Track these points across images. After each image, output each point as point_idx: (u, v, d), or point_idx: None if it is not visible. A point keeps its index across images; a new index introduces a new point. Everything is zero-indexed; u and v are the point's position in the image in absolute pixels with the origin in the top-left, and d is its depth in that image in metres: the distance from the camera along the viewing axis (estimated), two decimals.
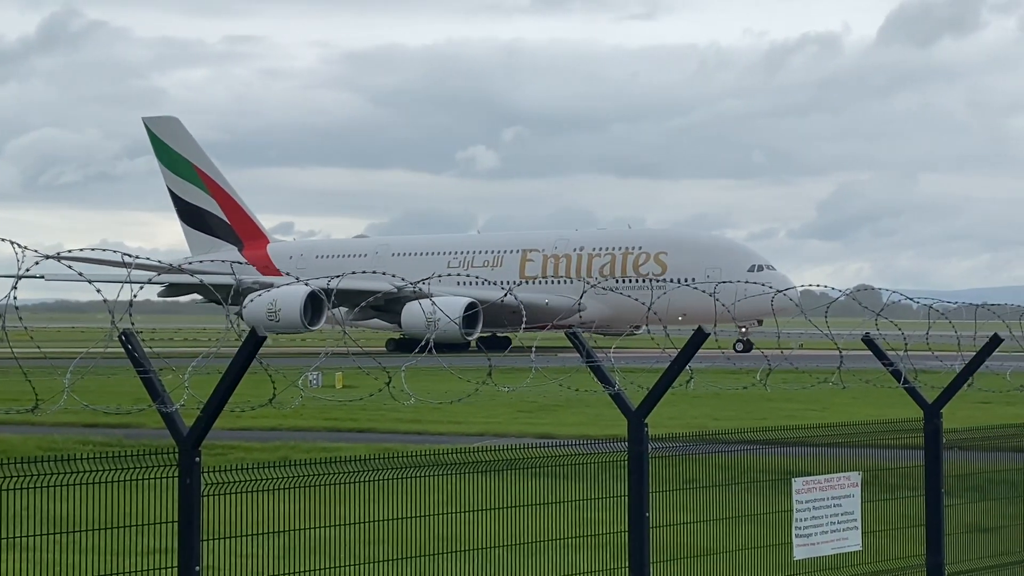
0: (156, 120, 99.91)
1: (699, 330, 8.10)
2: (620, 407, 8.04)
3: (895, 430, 10.03)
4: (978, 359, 10.17)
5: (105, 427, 30.84)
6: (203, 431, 6.11)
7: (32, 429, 30.79)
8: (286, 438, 29.35)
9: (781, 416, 31.36)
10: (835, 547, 8.98)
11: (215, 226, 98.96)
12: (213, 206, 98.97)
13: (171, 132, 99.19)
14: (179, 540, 6.18)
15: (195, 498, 6.12)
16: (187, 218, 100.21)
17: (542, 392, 10.52)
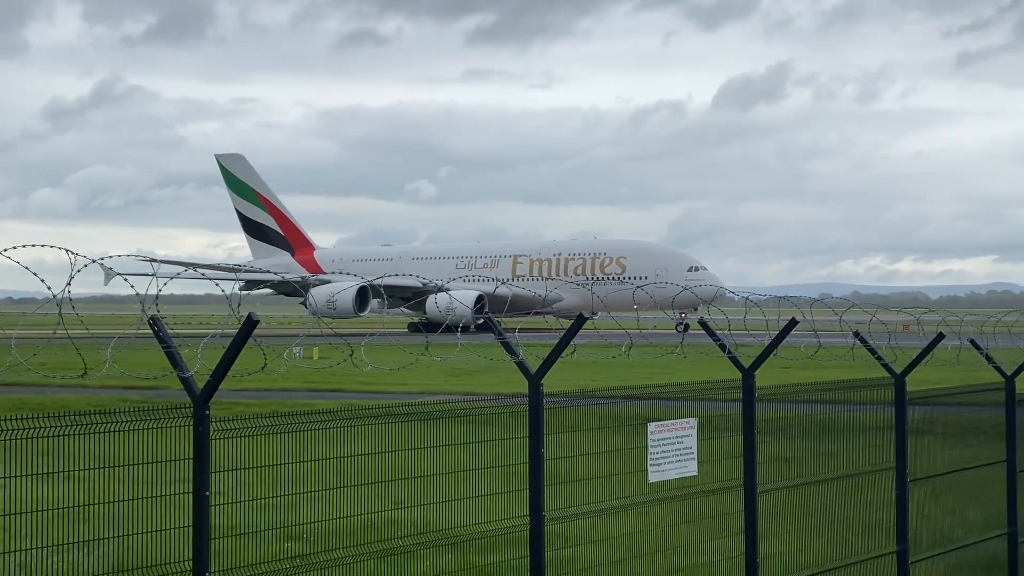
0: (225, 156, 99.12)
1: (580, 316, 8.07)
2: (523, 372, 8.02)
3: (722, 387, 10.05)
4: (781, 336, 10.24)
5: (140, 389, 30.30)
6: (211, 390, 6.03)
7: (83, 391, 30.18)
8: (276, 397, 29.05)
9: (641, 378, 31.56)
10: (678, 473, 9.01)
11: (272, 237, 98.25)
12: (271, 222, 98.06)
13: (237, 165, 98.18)
14: (193, 472, 6.11)
15: (205, 441, 6.06)
16: (250, 231, 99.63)
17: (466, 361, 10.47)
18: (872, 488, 11.51)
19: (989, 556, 12.96)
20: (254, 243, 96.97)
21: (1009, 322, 13.92)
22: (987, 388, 13.36)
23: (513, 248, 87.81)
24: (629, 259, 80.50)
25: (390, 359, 9.90)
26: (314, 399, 28.74)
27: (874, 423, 11.68)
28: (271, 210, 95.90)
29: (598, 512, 8.57)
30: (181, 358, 6.07)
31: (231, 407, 23.54)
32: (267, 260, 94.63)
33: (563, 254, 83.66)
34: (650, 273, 77.75)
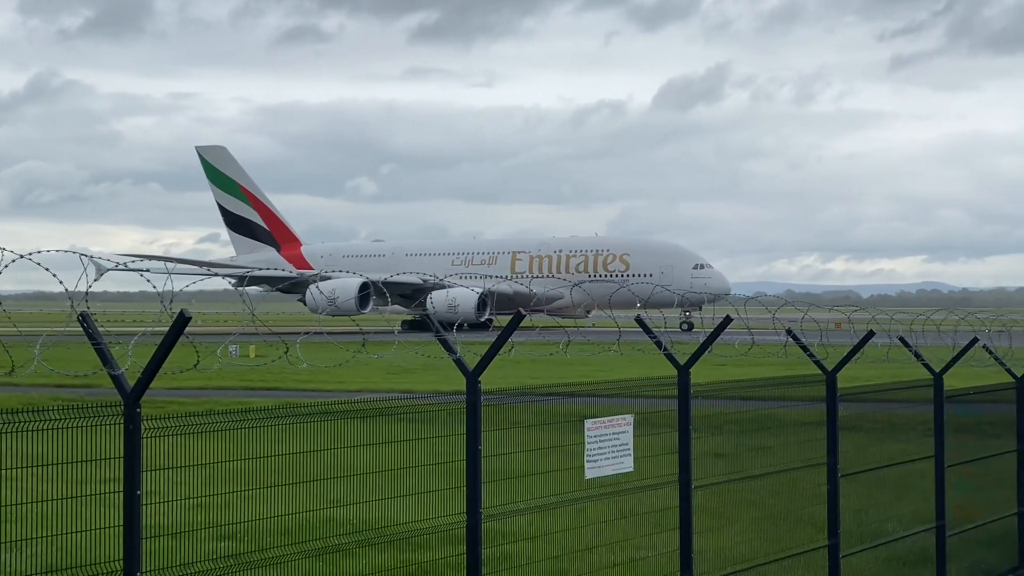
0: (206, 148, 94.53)
1: (518, 313, 8.08)
2: (461, 369, 8.02)
3: (658, 384, 10.11)
4: (715, 333, 10.34)
5: (72, 387, 29.74)
6: (142, 389, 5.94)
7: (13, 389, 29.52)
8: (212, 395, 28.70)
9: (579, 375, 31.73)
10: (614, 468, 9.05)
11: (257, 232, 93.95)
12: (255, 216, 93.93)
13: (219, 158, 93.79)
14: (124, 471, 6.02)
15: (136, 439, 5.97)
16: (233, 226, 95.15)
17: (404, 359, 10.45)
18: (805, 483, 11.67)
19: (918, 550, 13.23)
20: (237, 238, 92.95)
21: (937, 320, 14.22)
22: (916, 385, 13.62)
23: (511, 244, 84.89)
24: (633, 256, 78.04)
25: (327, 357, 9.83)
26: (250, 397, 28.44)
27: (807, 419, 11.85)
28: (255, 204, 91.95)
29: (535, 509, 8.59)
30: (111, 356, 5.97)
31: (165, 405, 23.21)
32: (251, 256, 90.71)
33: (564, 251, 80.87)
34: (655, 271, 75.48)
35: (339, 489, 7.83)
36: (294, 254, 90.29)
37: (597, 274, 78.05)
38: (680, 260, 76.96)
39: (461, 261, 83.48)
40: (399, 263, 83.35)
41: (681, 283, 74.40)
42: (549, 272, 79.88)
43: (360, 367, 36.99)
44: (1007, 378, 15.28)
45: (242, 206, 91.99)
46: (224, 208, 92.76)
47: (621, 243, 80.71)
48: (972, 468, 14.37)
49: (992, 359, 15.09)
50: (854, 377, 17.02)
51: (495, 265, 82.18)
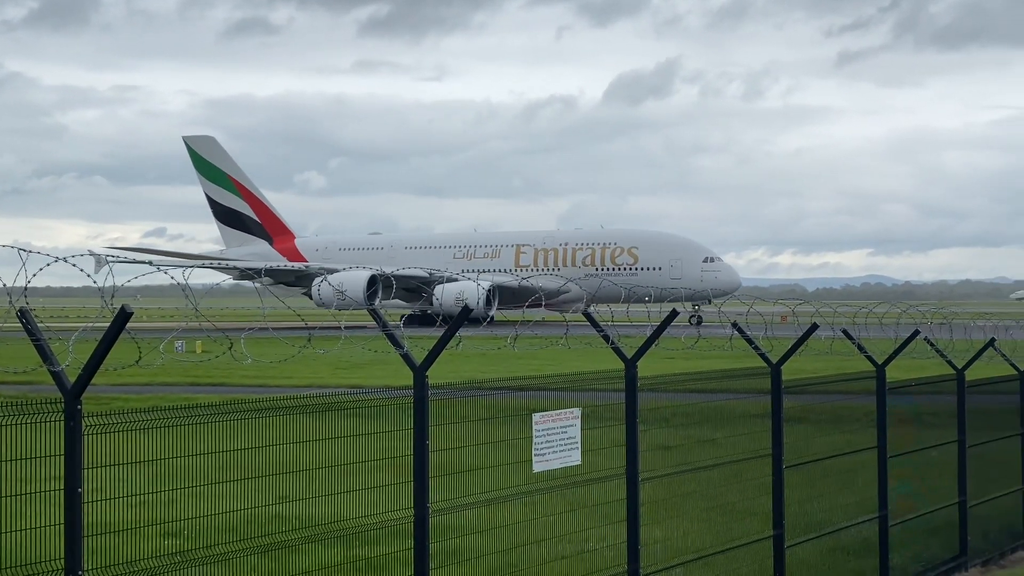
0: (194, 138, 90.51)
1: (465, 307, 8.09)
2: (408, 364, 8.00)
3: (606, 377, 10.16)
4: (662, 327, 10.41)
5: (14, 384, 29.24)
6: (83, 385, 5.86)
7: None
8: (157, 391, 28.37)
9: (528, 369, 31.79)
10: (562, 462, 9.09)
11: (248, 224, 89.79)
12: (245, 208, 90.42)
13: (207, 148, 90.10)
14: (65, 469, 5.94)
15: (77, 437, 5.89)
16: (222, 218, 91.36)
17: (352, 354, 10.42)
18: (751, 474, 11.80)
19: (862, 539, 13.42)
20: (226, 230, 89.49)
21: (880, 313, 14.45)
22: (859, 377, 13.82)
23: (515, 237, 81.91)
24: (642, 249, 75.92)
25: (273, 352, 9.76)
26: (196, 393, 28.15)
27: (753, 411, 11.98)
28: (246, 195, 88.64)
29: (483, 503, 8.60)
30: (51, 352, 5.88)
31: (109, 402, 22.90)
32: (242, 249, 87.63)
33: (570, 244, 78.46)
34: (664, 264, 73.87)
35: (286, 485, 7.79)
36: (288, 247, 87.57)
37: (605, 267, 76.17)
38: (690, 253, 75.19)
39: (463, 254, 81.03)
40: (398, 256, 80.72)
41: (691, 276, 73.15)
42: (555, 266, 77.80)
43: (309, 363, 36.76)
44: (948, 370, 15.56)
45: (232, 198, 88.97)
46: (213, 200, 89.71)
47: (629, 236, 78.48)
48: (914, 458, 14.62)
49: (933, 351, 15.36)
50: (799, 369, 17.23)
51: (498, 259, 79.97)
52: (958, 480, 15.42)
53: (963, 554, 15.24)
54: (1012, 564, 15.89)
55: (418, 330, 12.77)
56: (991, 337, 16.61)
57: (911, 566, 14.09)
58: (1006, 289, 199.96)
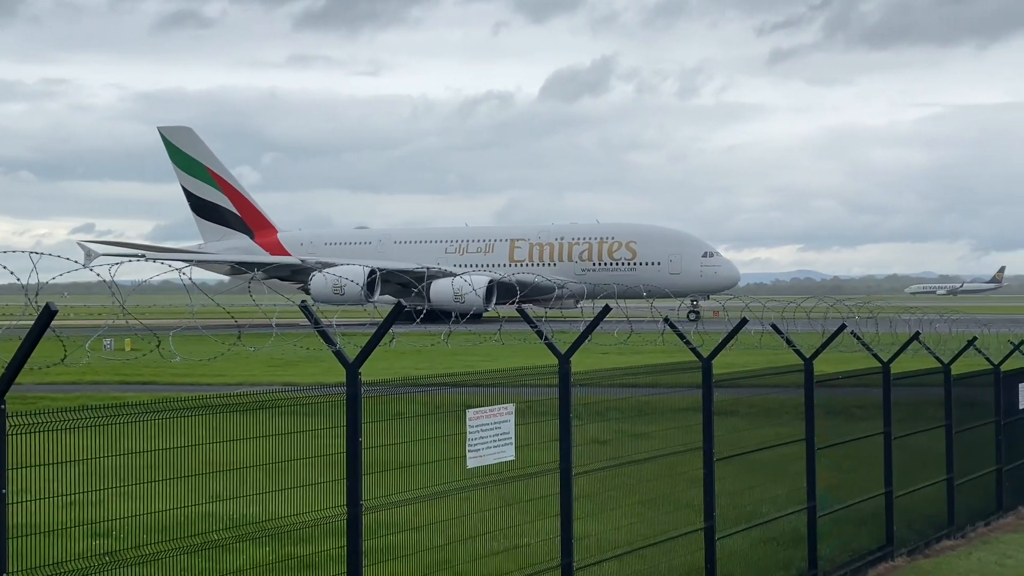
0: (170, 129, 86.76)
1: (398, 304, 8.10)
2: (340, 361, 8.01)
3: (540, 373, 10.21)
4: (595, 322, 10.50)
5: None
6: (6, 385, 5.79)
7: None
8: (85, 390, 27.90)
9: (464, 365, 31.82)
10: (496, 458, 9.15)
11: (227, 218, 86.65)
12: (224, 201, 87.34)
13: (184, 139, 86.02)
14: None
15: (1, 437, 5.82)
16: (200, 211, 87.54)
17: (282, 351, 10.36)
18: (683, 467, 11.96)
19: (791, 530, 13.69)
20: (204, 224, 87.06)
21: (807, 308, 14.74)
22: (788, 370, 14.08)
23: (509, 232, 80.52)
24: (640, 244, 74.58)
25: (203, 350, 9.69)
26: (125, 392, 27.74)
27: (685, 405, 12.16)
28: (225, 188, 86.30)
29: (417, 499, 8.63)
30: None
31: (36, 401, 22.50)
32: (222, 243, 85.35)
33: (566, 238, 77.05)
34: (663, 259, 72.88)
35: (217, 484, 7.75)
36: (270, 241, 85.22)
37: (602, 262, 74.92)
38: (689, 248, 74.02)
39: (455, 249, 79.38)
40: (387, 251, 78.94)
41: (690, 271, 72.62)
42: (551, 260, 76.55)
43: (242, 360, 36.39)
44: (874, 363, 15.91)
45: (210, 190, 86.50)
46: (189, 192, 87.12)
47: (627, 230, 77.10)
48: (842, 450, 14.93)
49: (860, 344, 15.71)
50: (730, 363, 17.50)
51: (492, 253, 78.40)
52: (884, 471, 15.79)
53: (889, 544, 15.60)
54: (937, 553, 16.31)
55: (416, 327, 12.62)
56: (916, 331, 17.03)
57: (839, 556, 14.39)
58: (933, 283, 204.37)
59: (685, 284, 71.30)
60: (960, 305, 73.52)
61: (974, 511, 18.47)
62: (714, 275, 72.55)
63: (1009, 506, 19.70)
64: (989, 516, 18.93)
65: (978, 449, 18.96)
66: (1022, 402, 20.73)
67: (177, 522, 7.69)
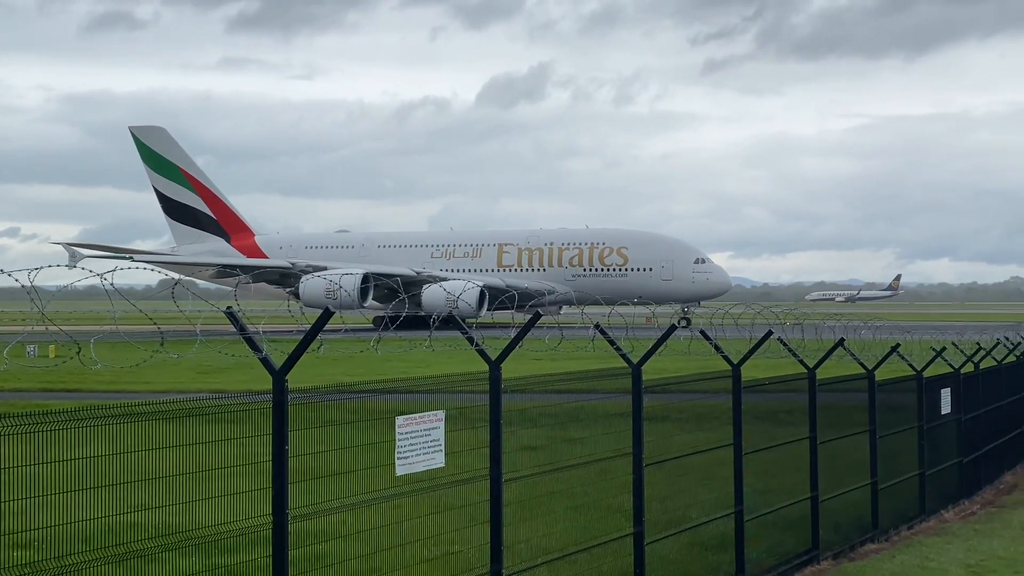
0: (142, 128, 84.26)
1: (326, 310, 8.07)
2: (267, 368, 7.97)
3: (471, 379, 10.23)
4: (525, 328, 10.56)
5: None
6: None
7: None
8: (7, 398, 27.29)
9: (397, 371, 31.74)
10: (425, 465, 9.14)
11: (201, 220, 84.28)
12: (199, 203, 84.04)
13: (157, 139, 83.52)
14: None
15: None
16: (173, 213, 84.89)
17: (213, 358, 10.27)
18: (614, 473, 12.08)
19: (719, 534, 13.88)
20: (177, 226, 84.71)
21: (736, 314, 14.97)
22: (716, 376, 14.29)
23: (497, 236, 78.86)
24: (631, 250, 73.75)
25: (125, 357, 9.56)
26: (49, 399, 27.20)
27: (617, 410, 12.27)
28: (199, 190, 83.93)
29: (345, 508, 8.61)
30: None
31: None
32: (197, 246, 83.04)
33: (555, 243, 75.80)
34: (655, 264, 72.26)
35: (143, 493, 7.66)
36: (247, 244, 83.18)
37: (593, 268, 74.14)
38: (681, 254, 73.33)
39: (441, 253, 77.79)
40: (371, 254, 77.33)
41: (683, 278, 72.25)
42: (540, 266, 75.25)
43: (169, 367, 35.88)
44: (801, 369, 16.21)
45: (184, 192, 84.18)
46: (162, 194, 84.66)
47: (618, 236, 76.00)
48: (769, 455, 15.18)
49: (786, 351, 16.00)
50: (662, 369, 17.70)
51: (479, 258, 77.05)
52: (810, 476, 16.07)
53: (815, 548, 15.88)
54: (861, 556, 16.64)
55: (409, 333, 12.54)
56: (840, 337, 17.38)
57: (766, 560, 14.62)
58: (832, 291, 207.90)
59: (677, 290, 71.11)
60: (884, 312, 75.04)
61: (897, 515, 18.89)
62: (706, 281, 72.22)
63: (931, 509, 20.17)
64: (912, 519, 19.37)
65: (901, 454, 19.40)
66: (944, 407, 21.25)
67: (102, 531, 7.59)
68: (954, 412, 21.75)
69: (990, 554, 16.51)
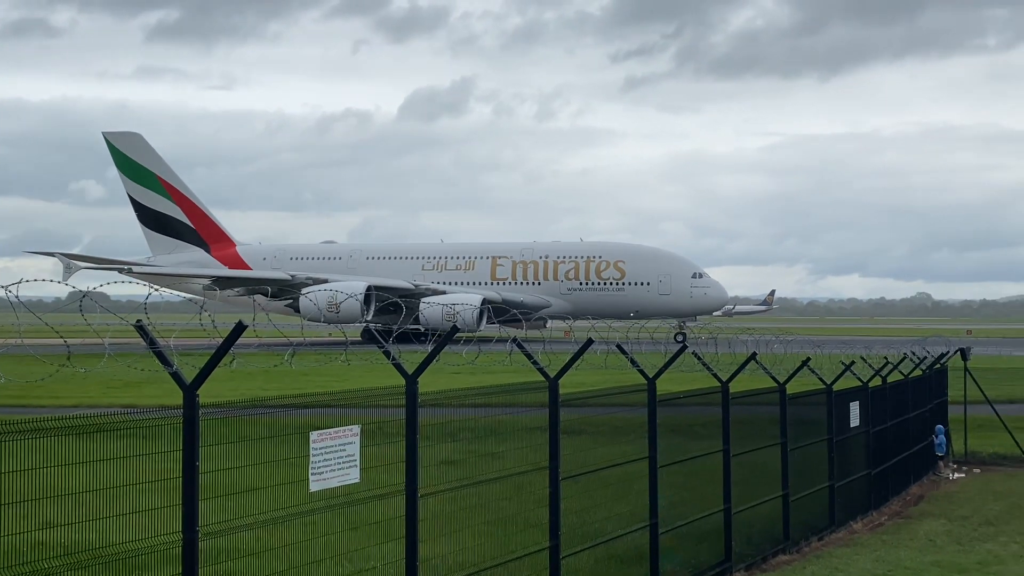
0: (117, 135, 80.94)
1: (239, 323, 7.94)
2: (178, 383, 7.82)
3: (388, 393, 10.16)
4: (442, 343, 10.46)
5: None
6: None
7: None
8: None
9: (315, 386, 31.39)
10: (340, 480, 9.04)
11: (179, 229, 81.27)
12: (177, 212, 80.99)
13: (132, 146, 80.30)
14: None
15: None
16: (148, 222, 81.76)
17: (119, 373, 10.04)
18: (532, 487, 12.08)
19: (634, 547, 13.95)
20: (154, 236, 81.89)
21: (651, 328, 15.11)
22: (632, 390, 14.39)
23: (490, 248, 77.18)
24: (629, 264, 72.57)
25: (31, 371, 9.32)
26: None
27: (535, 424, 12.28)
28: (177, 198, 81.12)
29: (257, 524, 8.47)
30: None
31: None
32: (175, 256, 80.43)
33: (551, 256, 74.34)
34: (652, 279, 71.47)
35: (50, 510, 7.45)
36: (227, 254, 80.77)
37: (590, 282, 72.90)
38: (679, 268, 72.49)
39: (432, 266, 76.19)
40: (359, 267, 75.74)
41: (680, 292, 71.67)
42: (535, 279, 74.04)
43: (79, 381, 35.02)
44: (715, 382, 16.41)
45: (161, 200, 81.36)
46: (137, 202, 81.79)
47: (615, 249, 74.97)
48: (684, 467, 15.32)
49: (700, 365, 16.19)
50: (580, 383, 17.79)
51: (472, 271, 75.38)
52: (724, 488, 16.26)
53: (728, 559, 16.06)
54: (773, 568, 16.87)
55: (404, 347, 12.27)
56: (753, 352, 17.65)
57: (680, 572, 14.74)
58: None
59: (676, 305, 70.75)
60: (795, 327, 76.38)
61: (808, 526, 19.21)
62: (704, 296, 71.84)
63: (841, 521, 20.56)
64: (822, 531, 19.71)
65: (812, 466, 19.74)
66: (853, 420, 21.70)
67: (6, 550, 7.35)
68: (863, 425, 22.22)
69: (897, 564, 16.87)
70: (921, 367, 28.27)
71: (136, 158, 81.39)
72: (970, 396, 32.23)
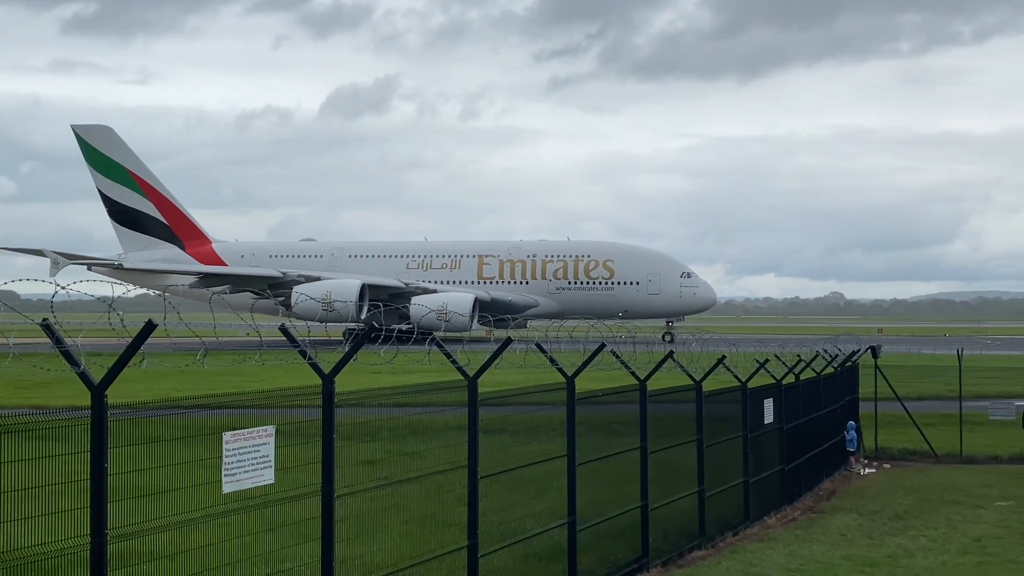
0: (86, 128, 77.43)
1: (149, 322, 7.77)
2: (85, 383, 7.62)
3: (304, 393, 10.05)
4: (359, 343, 10.38)
5: None
6: None
7: None
8: None
9: (229, 386, 30.93)
10: (254, 482, 8.91)
11: (151, 226, 78.10)
12: (149, 207, 77.82)
13: (103, 139, 76.93)
14: None
15: None
16: (119, 218, 78.37)
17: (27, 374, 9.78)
18: (451, 486, 12.04)
19: (553, 545, 14.01)
20: (124, 232, 78.71)
21: (570, 327, 15.18)
22: (552, 388, 14.44)
23: (476, 247, 76.04)
24: (618, 263, 72.14)
25: None
26: None
27: (455, 423, 12.25)
28: (150, 193, 78.19)
29: (169, 527, 8.30)
30: None
31: None
32: (148, 253, 77.19)
33: (538, 255, 73.49)
34: (642, 278, 71.12)
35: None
36: (203, 251, 78.12)
37: (578, 281, 72.48)
38: (668, 268, 72.27)
39: (418, 264, 74.80)
40: (342, 265, 73.84)
41: (670, 292, 71.53)
42: (522, 278, 73.22)
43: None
44: (633, 380, 16.55)
45: (132, 195, 78.28)
46: (107, 197, 78.52)
47: (604, 249, 74.56)
48: (602, 465, 15.43)
49: (619, 363, 16.31)
50: (500, 382, 17.80)
51: (459, 269, 74.11)
52: (641, 485, 16.41)
53: (645, 555, 16.21)
54: (689, 563, 17.08)
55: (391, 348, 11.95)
56: (670, 350, 17.85)
57: (598, 569, 14.84)
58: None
59: (664, 305, 70.96)
60: (711, 325, 77.47)
61: (723, 522, 19.49)
62: (693, 296, 71.88)
63: (755, 516, 20.91)
64: (737, 526, 20.02)
65: (727, 462, 20.04)
66: (767, 417, 22.07)
67: None
68: (776, 422, 22.62)
69: (809, 559, 17.20)
70: (833, 365, 28.87)
71: (106, 151, 78.44)
72: (880, 393, 33.03)
